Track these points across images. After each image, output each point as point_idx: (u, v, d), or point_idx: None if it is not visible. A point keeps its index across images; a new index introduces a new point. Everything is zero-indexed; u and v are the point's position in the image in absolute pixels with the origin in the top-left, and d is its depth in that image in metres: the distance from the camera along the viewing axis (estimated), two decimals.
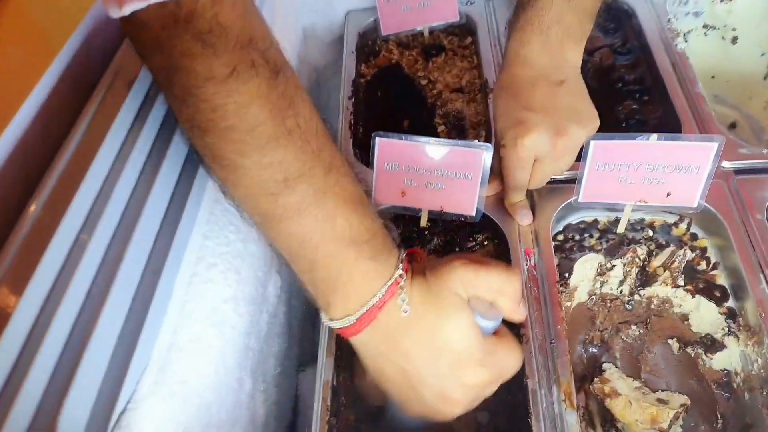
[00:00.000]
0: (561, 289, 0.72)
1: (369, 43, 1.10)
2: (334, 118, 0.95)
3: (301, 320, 0.91)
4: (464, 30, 1.07)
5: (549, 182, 0.78)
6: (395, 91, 1.03)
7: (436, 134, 0.94)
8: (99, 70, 0.63)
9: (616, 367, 0.73)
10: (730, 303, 0.69)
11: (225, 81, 0.44)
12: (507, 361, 0.51)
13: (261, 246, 0.72)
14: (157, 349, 0.51)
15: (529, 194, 0.76)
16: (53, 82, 0.57)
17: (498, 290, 0.48)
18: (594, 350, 0.75)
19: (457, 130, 0.94)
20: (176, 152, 0.63)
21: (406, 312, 0.49)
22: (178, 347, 0.53)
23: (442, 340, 0.48)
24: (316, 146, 0.48)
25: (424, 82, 1.02)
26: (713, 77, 1.04)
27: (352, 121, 0.92)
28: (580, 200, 0.74)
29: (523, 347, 0.52)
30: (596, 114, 0.69)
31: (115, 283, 0.50)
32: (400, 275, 0.50)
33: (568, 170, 0.76)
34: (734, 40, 1.03)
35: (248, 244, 0.68)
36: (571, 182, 0.74)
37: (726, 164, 0.76)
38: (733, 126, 0.98)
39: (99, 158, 0.53)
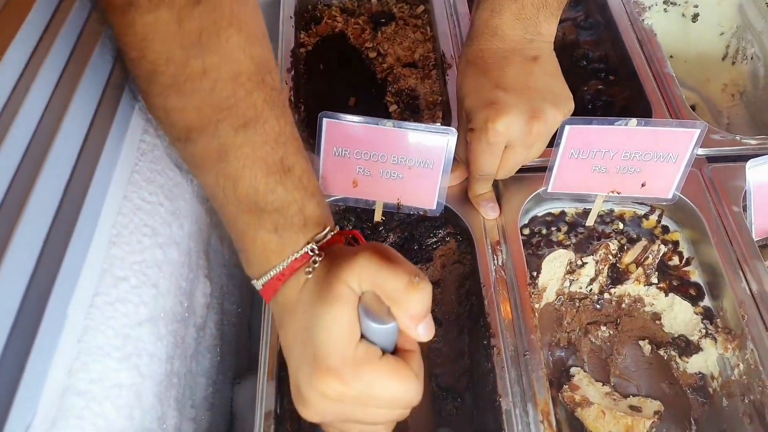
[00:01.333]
0: (530, 290, 0.65)
1: (309, 8, 0.98)
2: None
3: (236, 325, 0.80)
4: None
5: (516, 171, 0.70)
6: (340, 63, 0.92)
7: (387, 115, 0.84)
8: None
9: (585, 371, 0.68)
10: (706, 302, 0.65)
11: (125, 11, 0.43)
12: (378, 385, 0.41)
13: (184, 250, 0.60)
14: (45, 398, 0.40)
15: (495, 185, 0.68)
16: None
17: (395, 299, 0.40)
18: (561, 353, 0.69)
19: (411, 110, 0.84)
20: (71, 129, 0.50)
21: (305, 285, 0.45)
22: (75, 392, 0.41)
23: (309, 331, 0.43)
24: (228, 96, 0.45)
25: (372, 54, 0.92)
26: (671, 57, 0.99)
27: (292, 98, 0.80)
28: (549, 191, 0.67)
29: (420, 382, 0.42)
30: (571, 96, 0.62)
31: None
32: (305, 254, 0.45)
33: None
34: (695, 17, 0.98)
35: (168, 249, 0.56)
36: (538, 171, 0.67)
37: (699, 151, 0.71)
38: (692, 109, 0.94)
39: None
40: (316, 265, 0.45)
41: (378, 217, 0.69)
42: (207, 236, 0.70)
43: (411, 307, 0.40)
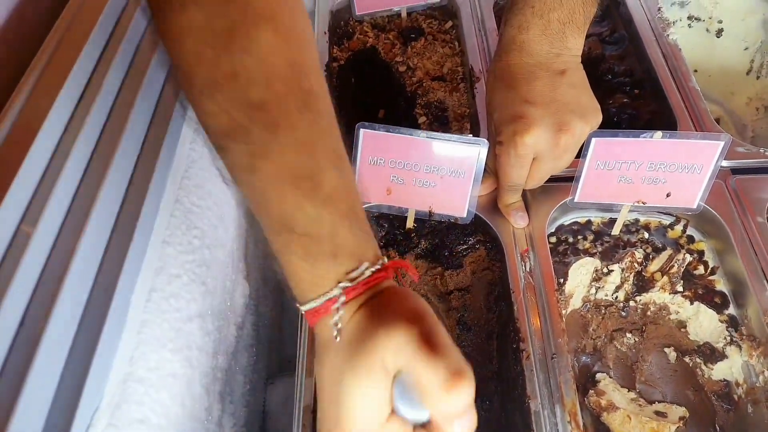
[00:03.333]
0: (557, 296, 0.67)
1: (342, 24, 1.02)
2: None
3: (269, 327, 0.84)
4: (445, 13, 1.01)
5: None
6: (371, 77, 0.95)
7: (417, 126, 0.87)
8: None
9: (610, 377, 0.69)
10: (731, 310, 0.66)
11: (163, 11, 0.43)
12: None
13: (228, 251, 0.63)
14: (110, 384, 0.43)
15: (523, 194, 0.71)
16: None
17: (429, 395, 0.36)
18: (586, 359, 0.71)
19: (440, 122, 0.87)
20: (131, 139, 0.54)
21: (336, 338, 0.41)
22: (136, 379, 0.45)
23: (339, 387, 0.40)
24: (260, 100, 0.42)
25: (402, 68, 0.95)
26: (696, 71, 1.01)
27: None
28: (576, 200, 0.69)
29: None
30: (599, 108, 0.64)
31: (58, 303, 0.41)
32: (334, 298, 0.41)
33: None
34: (719, 32, 1.00)
35: (215, 250, 0.60)
36: (565, 180, 0.70)
37: (724, 163, 0.73)
38: (717, 122, 0.96)
39: (36, 148, 0.43)
40: (341, 313, 0.41)
41: (410, 223, 0.72)
42: (245, 240, 0.74)
43: (445, 408, 0.37)
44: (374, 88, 0.94)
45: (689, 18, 1.01)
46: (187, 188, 0.60)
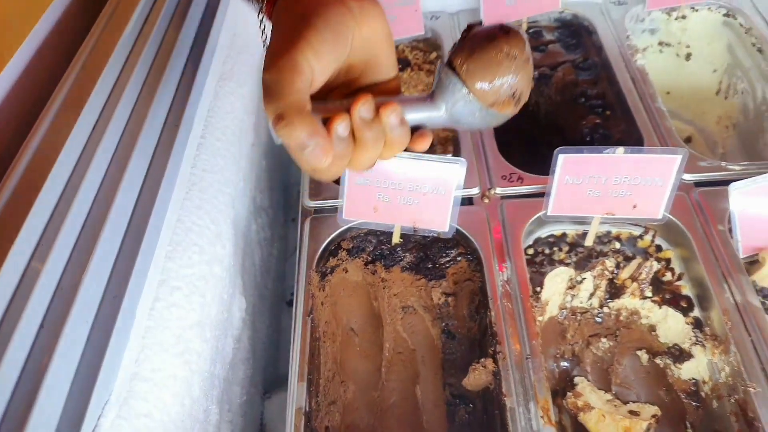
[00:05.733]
0: (533, 303, 0.71)
1: None
2: None
3: (265, 344, 0.88)
4: (429, 44, 1.08)
5: (518, 196, 0.79)
6: None
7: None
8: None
9: (588, 380, 0.73)
10: (696, 313, 0.71)
11: None
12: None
13: (226, 267, 0.69)
14: (119, 381, 0.48)
15: (500, 206, 0.76)
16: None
17: None
18: (565, 364, 0.75)
19: None
20: (138, 164, 0.60)
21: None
22: (141, 378, 0.50)
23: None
24: None
25: None
26: (668, 93, 1.07)
27: None
28: (549, 213, 0.74)
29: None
30: None
31: (74, 309, 0.47)
32: None
33: (536, 184, 0.77)
34: (688, 56, 1.07)
35: (213, 266, 0.65)
36: (540, 196, 0.75)
37: (687, 177, 0.78)
38: (688, 140, 1.02)
39: (55, 171, 0.49)
40: None
41: (396, 239, 0.77)
42: (242, 258, 0.79)
43: None
44: None
45: (660, 44, 1.07)
46: (188, 209, 0.66)
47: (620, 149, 0.69)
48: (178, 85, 0.74)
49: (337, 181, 0.75)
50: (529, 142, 0.93)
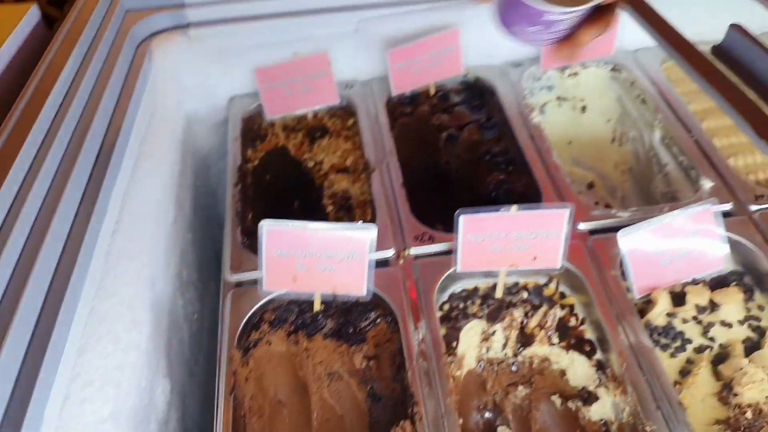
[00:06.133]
0: (450, 358, 0.75)
1: (255, 128, 1.12)
2: (222, 205, 0.96)
3: (199, 421, 0.87)
4: (346, 112, 1.13)
5: (430, 255, 0.83)
6: (283, 174, 1.05)
7: (325, 215, 0.97)
8: None
9: (510, 429, 0.76)
10: (599, 355, 0.76)
11: None
12: None
13: (144, 351, 0.69)
14: None
15: (414, 266, 0.80)
16: None
17: None
18: (489, 414, 0.78)
19: (345, 210, 0.97)
20: (46, 258, 0.61)
21: None
22: None
23: None
24: None
25: (311, 164, 1.06)
26: (570, 143, 1.16)
27: (239, 209, 0.93)
28: (458, 271, 0.79)
29: None
30: None
31: None
32: None
33: (447, 241, 0.82)
34: (583, 109, 1.16)
35: (129, 353, 0.65)
36: (451, 253, 0.79)
37: (582, 226, 0.85)
38: (591, 186, 1.09)
39: None
40: None
41: (317, 306, 0.80)
42: (167, 338, 0.79)
43: None
44: (287, 183, 1.04)
45: (557, 99, 1.16)
46: (102, 298, 0.67)
47: (514, 207, 0.75)
48: (91, 173, 0.76)
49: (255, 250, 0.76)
50: (443, 199, 0.98)
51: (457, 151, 1.04)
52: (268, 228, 0.76)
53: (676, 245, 0.78)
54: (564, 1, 0.53)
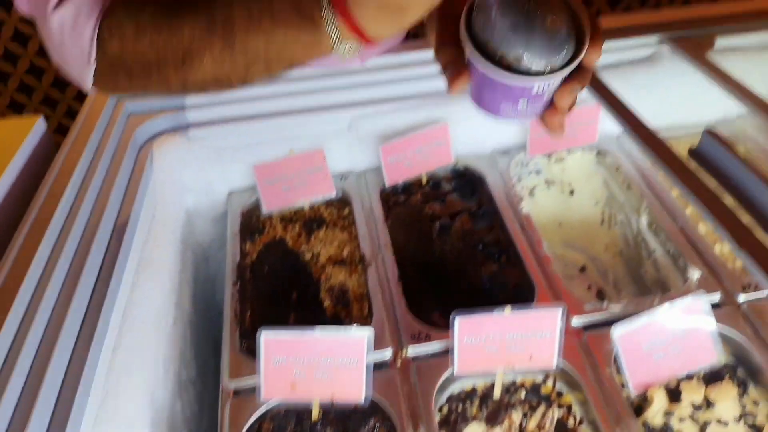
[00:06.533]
0: None
1: (253, 221, 1.15)
2: (221, 293, 0.97)
3: None
4: (342, 202, 1.16)
5: (428, 356, 0.84)
6: (281, 267, 1.07)
7: (322, 310, 0.98)
8: None
9: None
10: None
11: None
12: None
13: None
14: None
15: (412, 368, 0.81)
16: None
17: None
18: None
19: (342, 304, 0.99)
20: (49, 388, 0.62)
21: None
22: None
23: None
24: None
25: (308, 256, 1.08)
26: (560, 224, 1.19)
27: (238, 310, 0.94)
28: (456, 373, 0.80)
29: None
30: None
31: None
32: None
33: (443, 338, 0.83)
34: (571, 192, 1.20)
35: None
36: (447, 352, 0.80)
37: (576, 321, 0.86)
38: (583, 269, 1.12)
39: None
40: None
41: (316, 415, 0.80)
42: None
43: None
44: (285, 277, 1.06)
45: (546, 182, 1.20)
46: (102, 420, 0.67)
47: (507, 309, 0.77)
48: (94, 289, 0.78)
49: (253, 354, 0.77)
50: (438, 291, 1.00)
51: (451, 241, 1.06)
52: (266, 338, 0.77)
53: (670, 339, 0.80)
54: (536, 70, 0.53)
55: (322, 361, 0.78)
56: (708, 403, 0.79)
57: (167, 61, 0.60)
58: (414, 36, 1.20)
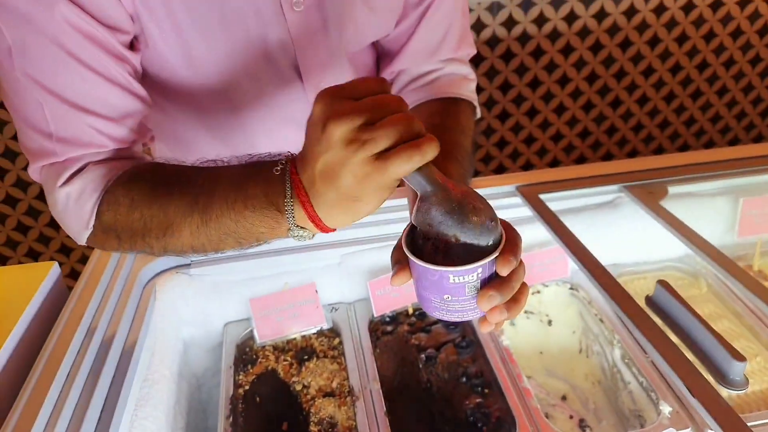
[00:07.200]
0: None
1: (247, 351, 1.20)
2: (213, 419, 0.99)
3: None
4: (332, 332, 1.23)
5: None
6: (273, 398, 1.11)
7: None
8: None
9: None
10: None
11: None
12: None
13: None
14: None
15: None
16: None
17: None
18: None
19: None
20: None
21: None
22: None
23: None
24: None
25: (298, 387, 1.12)
26: (541, 353, 1.25)
27: None
28: None
29: None
30: None
31: None
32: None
33: None
34: (549, 322, 1.27)
35: None
36: None
37: None
38: (564, 398, 1.16)
39: None
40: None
41: None
42: None
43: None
44: (276, 408, 1.09)
45: (525, 312, 1.27)
46: None
47: None
48: (97, 428, 0.81)
49: None
50: (424, 424, 1.03)
51: (436, 372, 1.11)
52: None
53: None
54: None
55: None
56: None
57: (152, 231, 0.71)
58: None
